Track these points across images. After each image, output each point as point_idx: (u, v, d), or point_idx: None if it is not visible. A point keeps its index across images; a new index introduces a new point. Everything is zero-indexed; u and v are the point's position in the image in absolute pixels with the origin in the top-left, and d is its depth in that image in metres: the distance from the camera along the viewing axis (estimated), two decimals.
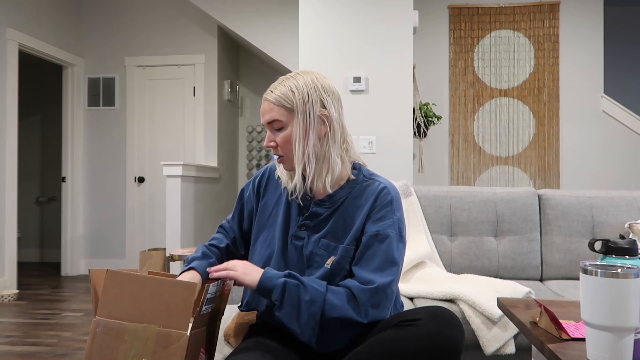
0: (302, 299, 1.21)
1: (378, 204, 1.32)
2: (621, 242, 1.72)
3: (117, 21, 5.25)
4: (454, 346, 1.13)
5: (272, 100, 1.31)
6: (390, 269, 1.27)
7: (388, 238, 1.28)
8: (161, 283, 1.18)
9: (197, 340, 1.22)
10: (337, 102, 1.35)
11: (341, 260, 1.30)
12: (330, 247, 1.32)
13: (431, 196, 2.51)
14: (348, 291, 1.24)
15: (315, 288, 1.23)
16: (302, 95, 1.29)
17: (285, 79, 1.33)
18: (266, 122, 1.33)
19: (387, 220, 1.30)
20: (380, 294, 1.24)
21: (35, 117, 6.07)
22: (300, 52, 3.16)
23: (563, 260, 2.44)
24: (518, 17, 4.43)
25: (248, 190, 1.50)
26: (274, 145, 1.33)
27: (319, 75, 1.35)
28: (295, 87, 1.30)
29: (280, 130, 1.31)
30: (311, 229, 1.34)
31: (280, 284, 1.22)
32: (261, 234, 1.42)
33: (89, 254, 5.22)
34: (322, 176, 1.32)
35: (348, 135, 1.37)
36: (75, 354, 2.74)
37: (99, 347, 1.16)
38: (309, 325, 1.21)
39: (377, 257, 1.27)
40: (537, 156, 4.40)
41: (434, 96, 4.40)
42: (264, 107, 1.33)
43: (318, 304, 1.21)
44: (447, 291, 1.98)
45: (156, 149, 5.21)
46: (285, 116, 1.30)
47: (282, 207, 1.39)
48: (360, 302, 1.23)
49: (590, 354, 0.94)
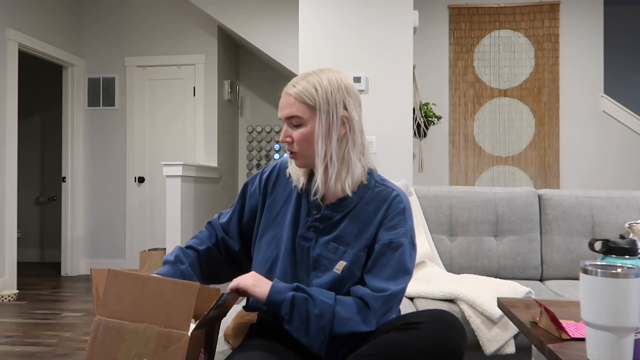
0: (311, 312, 1.20)
1: (391, 211, 1.30)
2: (621, 242, 1.72)
3: (117, 21, 5.25)
4: (456, 349, 1.13)
5: (293, 94, 1.27)
6: (403, 278, 1.26)
7: (401, 247, 1.27)
8: (162, 283, 1.18)
9: (198, 341, 1.22)
10: (358, 105, 1.32)
11: (352, 266, 1.28)
12: (339, 252, 1.30)
13: (431, 196, 2.51)
14: (358, 301, 1.23)
15: (324, 301, 1.22)
16: (326, 93, 1.26)
17: (309, 75, 1.30)
18: (285, 116, 1.29)
19: (400, 229, 1.29)
20: (392, 301, 1.24)
21: (35, 117, 6.08)
22: (300, 52, 3.16)
23: (563, 260, 2.44)
24: (518, 17, 4.43)
25: (254, 185, 1.45)
26: (289, 140, 1.30)
27: (343, 75, 1.33)
28: (319, 84, 1.27)
29: (299, 127, 1.28)
30: (320, 231, 1.32)
31: (288, 298, 1.21)
32: (267, 232, 1.38)
33: (89, 254, 5.22)
34: (341, 178, 1.29)
35: (365, 139, 1.35)
36: (75, 354, 2.74)
37: (99, 347, 1.16)
38: (319, 339, 1.20)
39: (390, 265, 1.26)
40: (537, 156, 4.40)
41: (434, 96, 4.40)
42: (283, 101, 1.30)
43: (327, 317, 1.20)
44: (447, 291, 1.98)
45: (156, 149, 5.20)
46: (306, 113, 1.27)
47: (292, 206, 1.36)
48: (372, 309, 1.22)
49: (590, 354, 0.94)
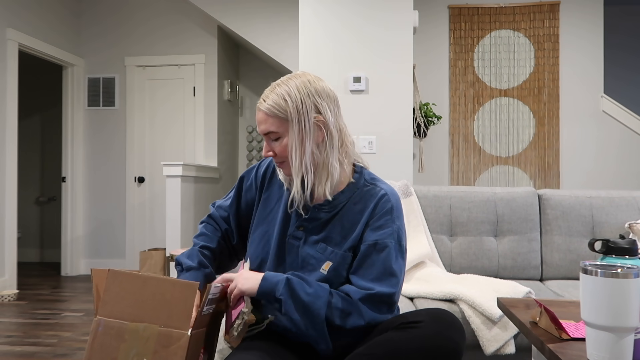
0: (307, 291, 1.21)
1: (377, 211, 1.29)
2: (621, 242, 1.72)
3: (117, 21, 5.25)
4: (455, 348, 1.13)
5: (265, 110, 1.26)
6: (389, 280, 1.25)
7: (387, 248, 1.26)
8: (162, 283, 1.18)
9: (198, 341, 1.22)
10: (334, 105, 1.31)
11: (338, 266, 1.28)
12: (327, 252, 1.30)
13: (431, 196, 2.51)
14: (346, 296, 1.24)
15: (319, 284, 1.24)
16: (296, 103, 1.24)
17: (277, 86, 1.28)
18: (262, 132, 1.29)
19: (387, 229, 1.28)
20: (376, 299, 1.23)
21: (35, 117, 6.08)
22: (300, 52, 3.16)
23: (563, 260, 2.44)
24: (518, 17, 4.43)
25: (249, 179, 1.45)
26: (272, 154, 1.30)
27: (312, 77, 1.30)
28: (288, 94, 1.25)
29: (277, 140, 1.28)
30: (309, 231, 1.33)
31: (283, 279, 1.22)
32: (260, 227, 1.39)
33: (89, 254, 5.22)
34: (322, 183, 1.29)
35: (347, 137, 1.33)
36: (75, 354, 2.74)
37: (99, 347, 1.16)
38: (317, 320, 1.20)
39: (375, 267, 1.26)
40: (537, 156, 4.40)
41: (434, 96, 4.40)
42: (258, 117, 1.29)
43: (323, 299, 1.20)
44: (447, 291, 1.98)
45: (156, 149, 5.21)
46: (280, 126, 1.26)
47: (283, 204, 1.37)
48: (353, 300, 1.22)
49: (590, 354, 0.94)
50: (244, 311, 1.22)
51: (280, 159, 1.30)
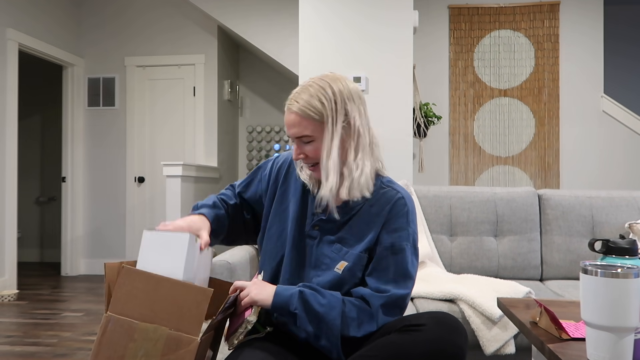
0: (321, 302, 1.21)
1: (394, 213, 1.29)
2: (621, 242, 1.72)
3: (117, 21, 5.25)
4: (458, 353, 1.13)
5: (297, 111, 1.23)
6: (404, 282, 1.25)
7: (403, 250, 1.26)
8: (176, 285, 1.16)
9: (206, 344, 1.22)
10: (364, 106, 1.30)
11: (353, 267, 1.28)
12: (341, 252, 1.30)
13: (431, 196, 2.51)
14: (360, 301, 1.24)
15: (332, 294, 1.23)
16: (330, 104, 1.22)
17: (309, 86, 1.25)
18: (293, 136, 1.26)
19: (403, 232, 1.28)
20: (393, 304, 1.24)
21: (35, 117, 6.07)
22: (300, 52, 3.16)
23: (563, 260, 2.44)
24: (518, 17, 4.43)
25: (266, 170, 1.44)
26: (303, 157, 1.28)
27: (343, 78, 1.29)
28: (323, 95, 1.23)
29: (309, 143, 1.25)
30: (325, 231, 1.32)
31: (296, 292, 1.22)
32: (276, 223, 1.38)
33: (89, 254, 5.22)
34: (346, 184, 1.26)
35: (375, 138, 1.32)
36: (75, 354, 2.73)
37: (107, 343, 1.15)
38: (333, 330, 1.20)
39: (391, 269, 1.26)
40: (537, 156, 4.40)
41: (434, 96, 4.40)
42: (288, 119, 1.25)
43: (337, 310, 1.20)
44: (447, 291, 1.98)
45: (156, 149, 5.20)
46: (314, 129, 1.23)
47: (298, 201, 1.36)
48: (372, 307, 1.22)
49: (590, 354, 0.94)
50: (249, 320, 1.22)
51: (312, 161, 1.28)
